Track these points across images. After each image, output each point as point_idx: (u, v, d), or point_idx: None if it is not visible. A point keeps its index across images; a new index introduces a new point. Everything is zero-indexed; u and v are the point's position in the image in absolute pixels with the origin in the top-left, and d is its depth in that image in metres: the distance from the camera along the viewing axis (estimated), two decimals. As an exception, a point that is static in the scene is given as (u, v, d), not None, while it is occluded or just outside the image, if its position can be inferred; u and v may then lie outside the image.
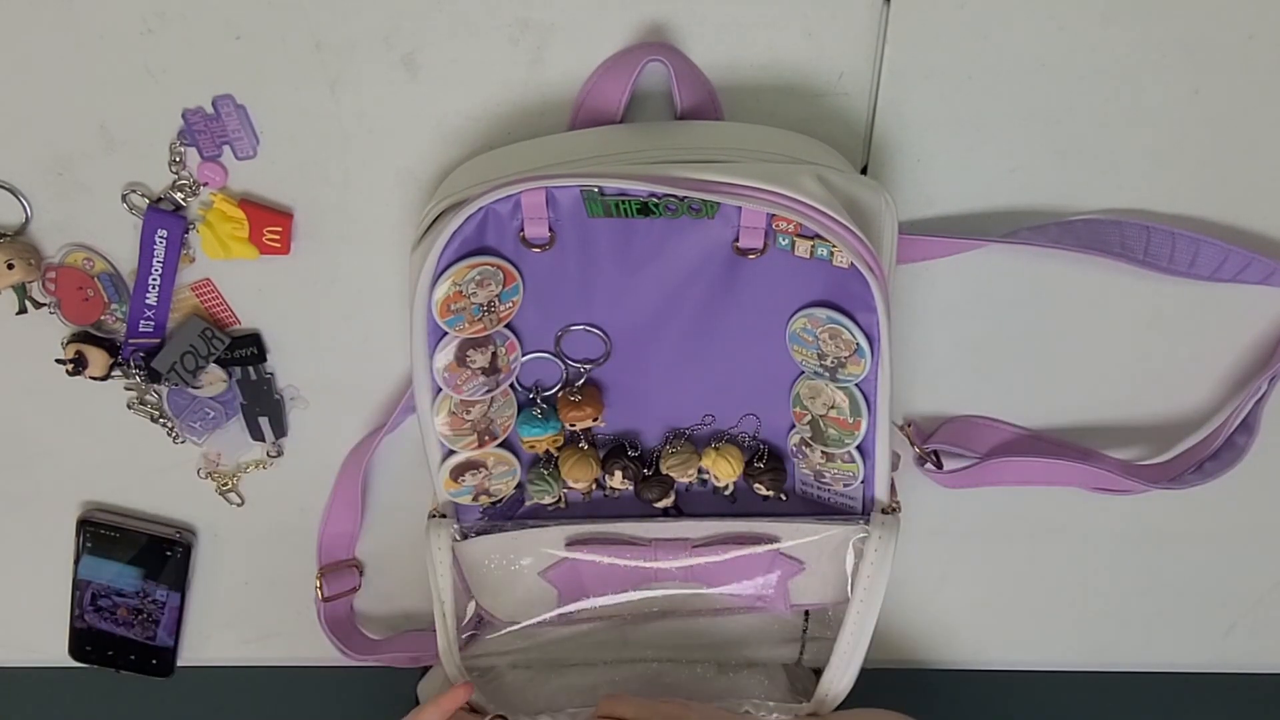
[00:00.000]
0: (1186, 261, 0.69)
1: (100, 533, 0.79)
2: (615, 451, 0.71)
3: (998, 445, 0.77)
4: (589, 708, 0.73)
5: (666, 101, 0.66)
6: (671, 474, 0.70)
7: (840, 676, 0.71)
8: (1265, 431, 0.73)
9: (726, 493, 0.72)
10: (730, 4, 0.63)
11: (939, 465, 0.75)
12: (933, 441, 0.76)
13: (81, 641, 0.83)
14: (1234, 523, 0.82)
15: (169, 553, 0.81)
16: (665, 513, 0.73)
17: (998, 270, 0.71)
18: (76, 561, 0.80)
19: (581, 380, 0.68)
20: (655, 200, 0.58)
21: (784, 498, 0.72)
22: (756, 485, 0.71)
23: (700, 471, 0.71)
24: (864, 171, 0.68)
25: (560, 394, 0.69)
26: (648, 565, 0.71)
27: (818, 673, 0.72)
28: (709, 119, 0.65)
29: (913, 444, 0.75)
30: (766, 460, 0.70)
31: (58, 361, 0.71)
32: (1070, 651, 0.89)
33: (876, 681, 0.86)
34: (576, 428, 0.69)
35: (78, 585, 0.81)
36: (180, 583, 0.82)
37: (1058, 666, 0.90)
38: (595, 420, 0.68)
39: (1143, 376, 0.76)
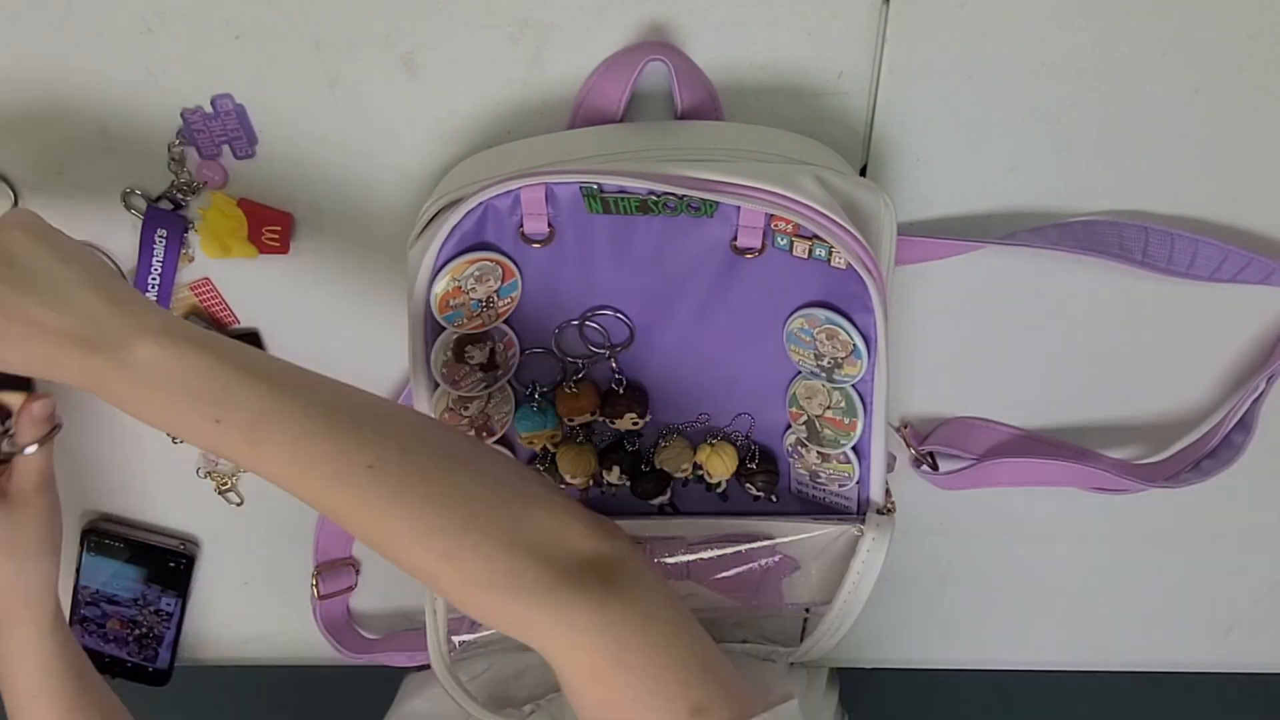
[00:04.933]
0: (1185, 262, 0.69)
1: (103, 542, 0.79)
2: (613, 447, 0.71)
3: (994, 446, 0.77)
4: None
5: (667, 101, 0.66)
6: (665, 467, 0.70)
7: (817, 650, 0.72)
8: (1263, 430, 0.73)
9: (719, 490, 0.72)
10: (730, 3, 0.63)
11: (935, 467, 0.75)
12: (929, 443, 0.76)
13: (80, 647, 0.83)
14: (1233, 523, 0.82)
15: (172, 564, 0.80)
16: (661, 510, 0.73)
17: (996, 272, 0.71)
18: (78, 570, 0.80)
19: (579, 375, 0.68)
20: (654, 198, 0.58)
21: (775, 499, 0.72)
22: (748, 485, 0.71)
23: (695, 468, 0.71)
24: (863, 172, 0.68)
25: (558, 388, 0.69)
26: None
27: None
28: (710, 119, 0.65)
29: (909, 446, 0.75)
30: (759, 461, 0.70)
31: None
32: (1070, 651, 0.89)
33: (877, 681, 0.86)
34: (575, 422, 0.69)
35: (78, 593, 0.81)
36: (182, 593, 0.82)
37: (1058, 666, 0.90)
38: (594, 415, 0.68)
39: (1140, 376, 0.76)
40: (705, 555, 0.71)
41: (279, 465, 0.51)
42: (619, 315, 0.65)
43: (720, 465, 0.70)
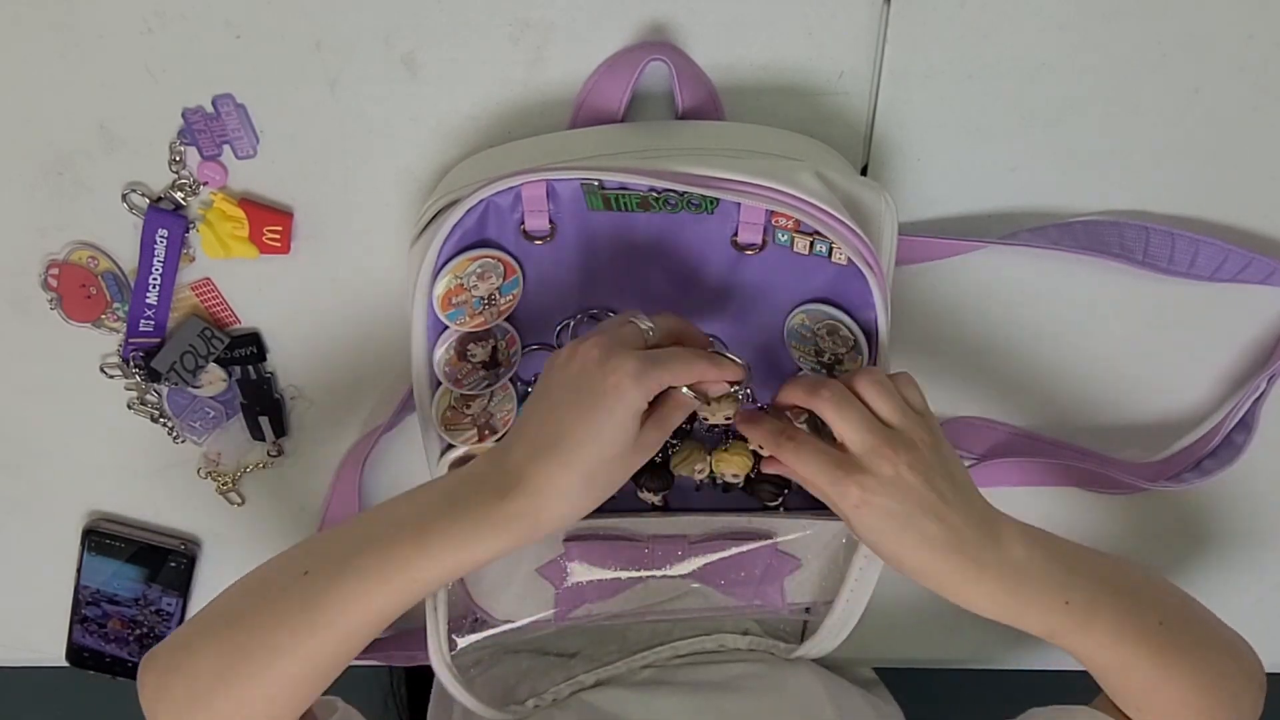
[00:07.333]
0: (1186, 262, 0.69)
1: (104, 542, 0.79)
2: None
3: (995, 446, 0.77)
4: (572, 679, 0.76)
5: (667, 101, 0.66)
6: (680, 471, 0.69)
7: (817, 651, 0.73)
8: (1264, 430, 0.73)
9: (739, 486, 0.70)
10: (731, 3, 0.63)
11: (937, 466, 0.75)
12: (931, 442, 0.76)
13: (79, 650, 0.83)
14: (1234, 523, 0.82)
15: (173, 564, 0.80)
16: (666, 506, 0.72)
17: (997, 271, 0.71)
18: (79, 570, 0.80)
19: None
20: (655, 195, 0.58)
21: (783, 509, 0.71)
22: (758, 493, 0.70)
23: (710, 470, 0.70)
24: (864, 171, 0.68)
25: None
26: (645, 561, 0.71)
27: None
28: (710, 118, 0.65)
29: (911, 445, 0.75)
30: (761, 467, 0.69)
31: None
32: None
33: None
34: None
35: (79, 593, 0.81)
36: (183, 593, 0.81)
37: (1058, 666, 0.90)
38: None
39: (1141, 376, 0.76)
40: (711, 558, 0.71)
41: (1104, 635, 0.59)
42: (612, 314, 0.66)
43: (739, 463, 0.68)
